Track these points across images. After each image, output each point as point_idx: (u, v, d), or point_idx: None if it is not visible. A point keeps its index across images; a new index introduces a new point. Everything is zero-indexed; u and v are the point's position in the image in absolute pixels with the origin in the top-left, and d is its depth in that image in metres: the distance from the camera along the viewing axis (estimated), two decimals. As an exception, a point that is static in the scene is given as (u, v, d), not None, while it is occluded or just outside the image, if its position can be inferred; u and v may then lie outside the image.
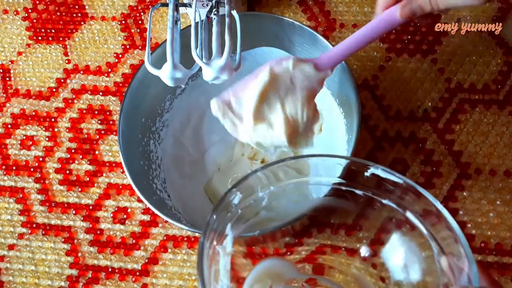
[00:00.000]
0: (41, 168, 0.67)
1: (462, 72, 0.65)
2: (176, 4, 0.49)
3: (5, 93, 0.71)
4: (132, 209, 0.64)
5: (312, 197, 0.51)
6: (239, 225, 0.46)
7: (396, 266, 0.49)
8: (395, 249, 0.48)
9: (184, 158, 0.63)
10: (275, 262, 0.53)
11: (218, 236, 0.44)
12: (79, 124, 0.68)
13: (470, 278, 0.38)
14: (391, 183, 0.44)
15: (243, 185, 0.44)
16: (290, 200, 0.50)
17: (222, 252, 0.44)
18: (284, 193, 0.49)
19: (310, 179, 0.51)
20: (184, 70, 0.47)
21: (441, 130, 0.62)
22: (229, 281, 0.45)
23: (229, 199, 0.44)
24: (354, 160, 0.45)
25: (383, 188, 0.45)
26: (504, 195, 0.59)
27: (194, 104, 0.64)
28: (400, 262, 0.48)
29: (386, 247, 0.49)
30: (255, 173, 0.44)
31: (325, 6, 0.70)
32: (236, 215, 0.46)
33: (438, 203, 0.41)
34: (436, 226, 0.43)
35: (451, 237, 0.41)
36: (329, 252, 0.54)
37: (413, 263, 0.47)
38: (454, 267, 0.41)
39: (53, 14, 0.74)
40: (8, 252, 0.63)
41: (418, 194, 0.43)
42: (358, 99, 0.53)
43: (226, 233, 0.45)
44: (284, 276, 0.51)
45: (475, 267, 0.38)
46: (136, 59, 0.71)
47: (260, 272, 0.50)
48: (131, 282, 0.61)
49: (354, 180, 0.46)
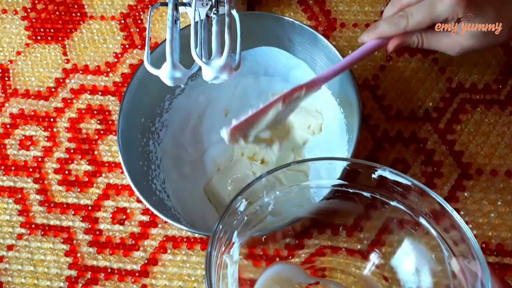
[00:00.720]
0: (40, 168, 0.66)
1: (463, 72, 0.64)
2: (176, 3, 0.49)
3: (4, 93, 0.71)
4: (132, 209, 0.63)
5: (316, 201, 0.50)
6: (246, 232, 0.46)
7: (406, 271, 0.48)
8: (405, 254, 0.48)
9: (183, 159, 0.63)
10: (283, 267, 0.52)
11: (225, 244, 0.43)
12: (78, 124, 0.68)
13: (483, 283, 0.38)
14: (398, 184, 0.44)
15: (248, 191, 0.43)
16: (296, 204, 0.50)
17: (229, 261, 0.44)
18: (289, 197, 0.48)
19: (314, 183, 0.51)
20: (183, 70, 0.47)
21: (442, 130, 0.62)
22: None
23: (234, 207, 0.43)
24: (359, 162, 0.45)
25: (391, 190, 0.45)
26: (505, 195, 0.59)
27: (193, 104, 0.63)
28: (411, 267, 0.48)
29: (397, 253, 0.49)
30: (260, 179, 0.44)
31: (326, 5, 0.70)
32: (243, 222, 0.45)
33: (447, 205, 0.41)
34: (446, 228, 0.43)
35: (461, 239, 0.41)
36: (329, 253, 0.54)
37: (423, 266, 0.47)
38: (466, 270, 0.41)
39: (52, 14, 0.74)
40: (7, 253, 0.63)
41: (427, 196, 0.42)
42: (358, 99, 0.53)
43: (233, 241, 0.44)
44: (293, 281, 0.51)
45: (487, 271, 0.38)
46: (135, 58, 0.70)
47: (269, 278, 0.50)
48: (130, 283, 0.60)
49: (360, 182, 0.46)
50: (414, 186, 0.43)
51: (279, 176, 0.47)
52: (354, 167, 0.45)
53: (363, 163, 0.45)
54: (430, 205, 0.43)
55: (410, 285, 0.48)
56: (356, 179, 0.46)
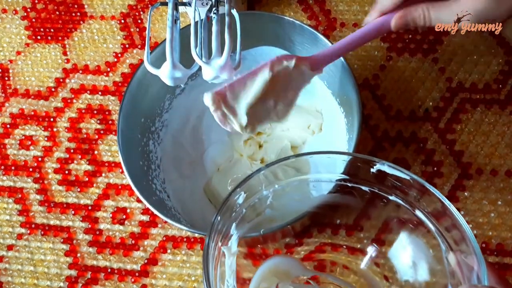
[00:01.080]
0: (40, 168, 0.66)
1: (463, 71, 0.64)
2: (176, 3, 0.49)
3: (4, 92, 0.71)
4: (132, 209, 0.63)
5: (315, 195, 0.51)
6: (244, 225, 0.47)
7: (403, 264, 0.48)
8: (403, 247, 0.48)
9: (183, 158, 0.63)
10: (281, 260, 0.53)
11: (223, 236, 0.44)
12: (78, 124, 0.68)
13: (479, 277, 0.38)
14: (397, 179, 0.44)
15: (247, 184, 0.44)
16: (294, 199, 0.51)
17: (227, 252, 0.44)
18: (287, 191, 0.49)
19: (314, 177, 0.51)
20: (183, 70, 0.47)
21: (442, 130, 0.62)
22: (235, 281, 0.45)
23: (233, 199, 0.44)
24: (358, 156, 0.45)
25: (389, 185, 0.45)
26: (506, 195, 0.59)
27: (193, 104, 0.63)
28: (408, 260, 0.48)
29: (394, 246, 0.49)
30: (259, 172, 0.44)
31: (326, 5, 0.70)
32: (241, 215, 0.46)
33: (445, 199, 0.41)
34: (443, 222, 0.43)
35: (458, 233, 0.41)
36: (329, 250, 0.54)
37: (420, 260, 0.47)
38: (462, 264, 0.41)
39: (52, 13, 0.74)
40: (7, 253, 0.63)
41: (425, 190, 0.43)
42: (359, 99, 0.53)
43: (231, 233, 0.45)
44: (291, 274, 0.51)
45: (484, 264, 0.38)
46: (135, 58, 0.70)
47: (266, 271, 0.50)
48: (130, 283, 0.60)
49: (359, 176, 0.46)
50: (412, 180, 0.43)
51: (277, 173, 0.48)
52: (353, 162, 0.46)
53: (362, 157, 0.45)
54: (428, 198, 0.43)
55: (407, 278, 0.48)
56: (355, 173, 0.46)
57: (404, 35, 0.67)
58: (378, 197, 0.46)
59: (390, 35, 0.67)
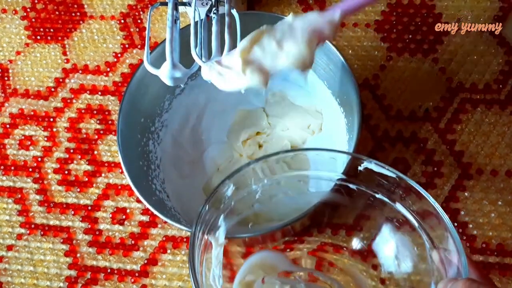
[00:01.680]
0: (39, 168, 0.66)
1: (463, 71, 0.64)
2: (176, 3, 0.49)
3: (4, 92, 0.71)
4: (131, 209, 0.63)
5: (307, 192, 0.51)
6: (233, 217, 0.47)
7: (387, 257, 0.49)
8: (387, 241, 0.49)
9: (183, 159, 0.63)
10: (268, 254, 0.53)
11: (210, 226, 0.44)
12: (78, 124, 0.68)
13: (460, 271, 0.38)
14: (383, 177, 0.45)
15: (236, 177, 0.44)
16: (285, 195, 0.51)
17: (214, 243, 0.45)
18: (278, 187, 0.49)
19: (304, 173, 0.52)
20: (183, 70, 0.47)
21: (442, 130, 0.62)
22: (221, 271, 0.45)
23: (222, 191, 0.44)
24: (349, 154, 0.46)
25: (376, 183, 0.45)
26: (506, 195, 0.59)
27: (193, 104, 0.63)
28: (391, 254, 0.49)
29: (378, 239, 0.49)
30: (249, 165, 0.45)
31: (326, 5, 0.70)
32: (229, 207, 0.47)
33: (428, 195, 0.42)
34: (427, 219, 0.43)
35: (442, 229, 0.41)
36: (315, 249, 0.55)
37: (405, 257, 0.47)
38: (445, 261, 0.41)
39: (51, 13, 0.74)
40: (7, 253, 0.63)
41: (410, 187, 0.43)
42: (359, 99, 0.53)
43: (219, 224, 0.45)
44: (277, 268, 0.52)
45: (465, 258, 0.39)
46: (135, 58, 0.70)
47: (253, 264, 0.50)
48: (130, 283, 0.60)
49: (348, 174, 0.47)
50: (397, 177, 0.44)
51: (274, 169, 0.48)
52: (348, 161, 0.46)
53: (351, 155, 0.46)
54: (413, 196, 0.44)
55: (390, 270, 0.49)
56: (346, 172, 0.47)
57: (404, 35, 0.66)
58: (365, 195, 0.47)
59: (390, 35, 0.67)
